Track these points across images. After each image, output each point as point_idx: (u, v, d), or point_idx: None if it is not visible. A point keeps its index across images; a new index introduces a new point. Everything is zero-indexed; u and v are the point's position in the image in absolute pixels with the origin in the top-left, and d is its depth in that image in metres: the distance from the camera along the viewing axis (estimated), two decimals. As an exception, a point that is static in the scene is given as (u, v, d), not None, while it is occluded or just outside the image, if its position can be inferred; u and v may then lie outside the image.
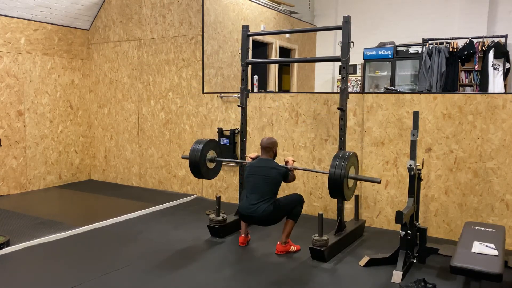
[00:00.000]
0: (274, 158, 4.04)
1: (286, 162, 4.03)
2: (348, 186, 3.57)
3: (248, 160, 4.22)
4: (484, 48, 7.03)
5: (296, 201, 3.90)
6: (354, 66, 8.50)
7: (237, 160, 4.77)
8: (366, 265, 3.61)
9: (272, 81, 7.66)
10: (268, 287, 3.24)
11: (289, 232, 3.87)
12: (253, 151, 5.29)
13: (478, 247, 2.98)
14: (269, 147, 3.98)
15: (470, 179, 4.19)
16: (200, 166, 4.24)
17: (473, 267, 2.70)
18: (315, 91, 9.07)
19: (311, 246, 3.70)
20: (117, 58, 6.61)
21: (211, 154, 4.39)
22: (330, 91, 9.23)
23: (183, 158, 4.46)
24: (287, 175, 3.90)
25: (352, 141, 4.75)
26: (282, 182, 3.89)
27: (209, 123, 5.79)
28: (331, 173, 3.47)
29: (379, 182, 3.58)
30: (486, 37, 7.16)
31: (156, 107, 6.28)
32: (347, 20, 3.95)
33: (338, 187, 3.45)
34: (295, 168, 4.02)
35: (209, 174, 4.44)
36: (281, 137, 5.17)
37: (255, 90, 6.43)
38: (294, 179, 4.01)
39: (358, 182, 4.71)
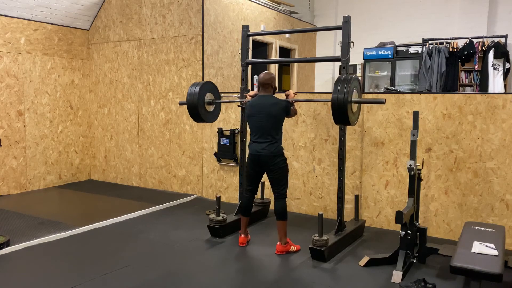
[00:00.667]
0: (274, 93, 3.99)
1: (287, 96, 3.99)
2: (352, 111, 3.50)
3: (248, 98, 4.16)
4: (484, 48, 7.03)
5: (285, 183, 3.89)
6: (354, 66, 8.50)
7: (237, 101, 4.65)
8: (366, 265, 3.61)
9: (272, 81, 7.64)
10: (268, 287, 3.24)
11: (285, 232, 3.86)
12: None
13: (478, 247, 2.98)
14: (268, 83, 3.90)
15: (470, 179, 4.19)
16: (198, 109, 4.15)
17: (473, 267, 2.70)
18: (315, 91, 9.07)
19: (311, 246, 3.69)
20: (117, 58, 6.61)
21: (209, 96, 4.31)
22: (330, 91, 9.21)
23: (180, 104, 4.37)
24: (288, 108, 3.87)
25: (352, 141, 4.75)
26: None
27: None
28: (334, 98, 3.39)
29: (384, 102, 3.54)
30: (486, 37, 7.16)
31: (156, 107, 6.28)
32: (347, 20, 3.95)
33: (342, 111, 3.37)
34: (296, 101, 3.99)
35: (209, 117, 4.36)
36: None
37: (255, 90, 6.43)
38: (295, 113, 3.97)
39: (358, 183, 4.72)
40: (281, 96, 4.03)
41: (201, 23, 5.76)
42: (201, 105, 4.22)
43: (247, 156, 4.19)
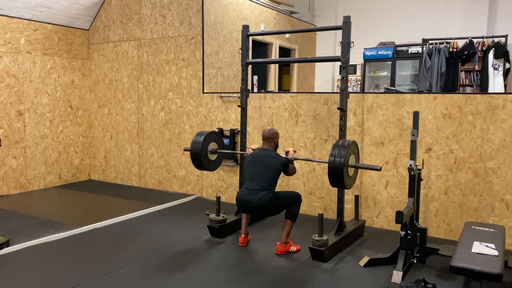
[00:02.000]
0: (275, 149, 4.04)
1: (287, 153, 4.02)
2: (349, 175, 3.54)
3: (249, 151, 4.20)
4: (484, 48, 7.03)
5: (295, 197, 3.90)
6: (354, 66, 8.50)
7: (239, 152, 4.75)
8: (366, 265, 3.61)
9: (272, 81, 7.66)
10: (268, 287, 3.24)
11: (288, 232, 3.86)
12: (253, 151, 5.30)
13: (478, 247, 2.98)
14: (271, 137, 3.98)
15: (470, 179, 4.19)
16: (201, 158, 4.23)
17: (473, 267, 2.70)
18: (315, 91, 9.07)
19: (311, 246, 3.69)
20: (117, 58, 6.61)
21: (212, 146, 4.37)
22: (330, 91, 9.23)
23: (185, 150, 4.45)
24: (287, 165, 3.90)
25: (352, 141, 4.74)
26: (284, 176, 3.88)
27: (209, 123, 5.79)
28: (330, 162, 3.45)
29: (379, 170, 3.56)
30: (486, 37, 7.16)
31: (156, 107, 6.28)
32: (347, 20, 3.95)
33: (338, 175, 3.42)
34: (296, 159, 4.01)
35: (211, 166, 4.43)
36: (281, 137, 5.16)
37: (255, 90, 6.43)
38: (294, 171, 4.00)
39: (358, 183, 4.72)
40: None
41: (201, 23, 5.76)
42: (204, 155, 4.29)
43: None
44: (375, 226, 4.69)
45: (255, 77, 6.51)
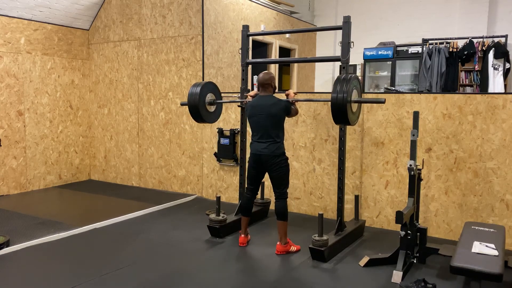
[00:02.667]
0: (274, 92, 3.99)
1: (287, 95, 4.00)
2: (352, 111, 3.49)
3: (248, 98, 4.17)
4: (484, 48, 7.03)
5: (286, 183, 3.88)
6: (354, 66, 8.50)
7: (238, 101, 4.62)
8: (366, 265, 3.61)
9: (272, 81, 7.64)
10: (268, 287, 3.24)
11: (285, 232, 3.86)
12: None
13: (478, 247, 2.98)
14: (267, 83, 3.91)
15: (470, 179, 4.19)
16: (200, 109, 4.16)
17: (473, 267, 2.70)
18: (315, 91, 9.07)
19: (311, 246, 3.69)
20: (117, 58, 6.61)
21: (210, 97, 4.30)
22: (330, 91, 9.21)
23: (181, 104, 4.36)
24: (288, 108, 3.87)
25: (352, 141, 4.75)
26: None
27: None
28: (333, 98, 3.38)
29: (383, 102, 3.53)
30: (486, 37, 7.16)
31: (156, 107, 6.28)
32: (347, 20, 3.95)
33: (342, 112, 3.36)
34: (297, 100, 3.99)
35: (210, 117, 4.36)
36: (281, 137, 5.16)
37: (255, 90, 6.42)
38: (296, 112, 3.98)
39: (358, 183, 4.72)
40: (281, 96, 4.03)
41: (201, 23, 5.76)
42: (202, 106, 4.22)
43: (248, 157, 4.20)
44: (375, 226, 4.69)
45: (255, 77, 6.51)
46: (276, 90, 4.07)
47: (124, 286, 3.21)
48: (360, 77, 8.59)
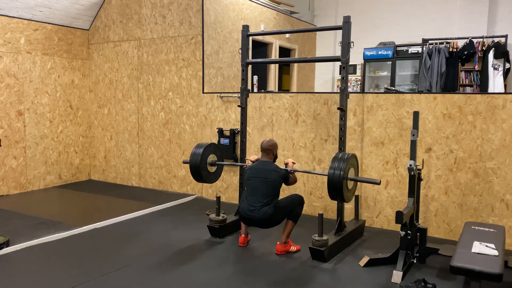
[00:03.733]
0: (275, 160, 4.04)
1: (286, 164, 4.04)
2: (348, 188, 3.56)
3: (248, 163, 4.22)
4: (484, 48, 7.03)
5: (296, 201, 3.90)
6: (354, 66, 8.50)
7: (237, 164, 4.77)
8: (366, 265, 3.61)
9: (272, 81, 7.66)
10: (268, 287, 3.24)
11: (289, 233, 3.87)
12: (253, 151, 5.30)
13: (478, 247, 2.98)
14: (269, 149, 3.98)
15: (470, 179, 4.19)
16: (201, 171, 4.25)
17: (473, 267, 2.70)
18: (315, 91, 9.07)
19: (311, 246, 3.70)
20: (117, 58, 6.61)
21: (211, 158, 4.39)
22: (330, 91, 9.23)
23: (184, 162, 4.46)
24: (287, 177, 3.90)
25: (352, 141, 4.75)
26: (283, 185, 3.90)
27: (209, 123, 5.79)
28: (330, 175, 3.47)
29: (379, 184, 3.58)
30: (486, 37, 7.16)
31: (156, 107, 6.28)
32: (347, 20, 3.95)
33: (337, 189, 3.45)
34: (295, 171, 4.02)
35: (211, 178, 4.45)
36: (281, 137, 5.17)
37: (255, 90, 6.43)
38: (295, 181, 4.01)
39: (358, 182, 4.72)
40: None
41: (201, 23, 5.76)
42: (203, 168, 4.28)
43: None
44: (375, 226, 4.69)
45: (255, 77, 6.51)
46: (277, 159, 4.11)
47: (124, 286, 3.21)
48: (360, 77, 8.60)
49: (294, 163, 4.10)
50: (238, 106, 4.74)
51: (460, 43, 7.30)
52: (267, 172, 3.84)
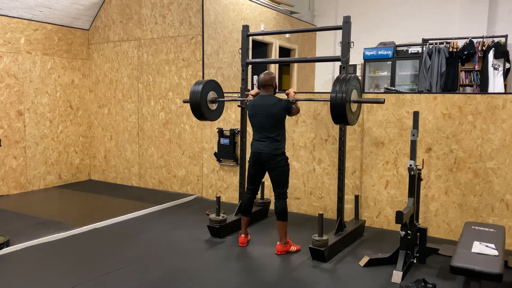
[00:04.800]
0: (275, 92, 4.00)
1: (287, 95, 4.01)
2: (352, 111, 3.49)
3: (249, 97, 4.17)
4: (484, 48, 7.03)
5: (286, 182, 3.88)
6: (354, 66, 8.50)
7: (239, 98, 4.62)
8: (366, 265, 3.61)
9: (272, 81, 7.64)
10: (268, 287, 3.24)
11: (285, 232, 3.86)
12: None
13: (478, 247, 2.98)
14: (268, 83, 3.92)
15: (470, 179, 4.19)
16: (202, 108, 4.17)
17: (473, 267, 2.70)
18: (315, 91, 9.07)
19: (311, 246, 3.69)
20: (117, 58, 6.61)
21: (212, 95, 4.32)
22: (330, 91, 9.20)
23: (184, 102, 4.38)
24: (289, 107, 3.87)
25: (352, 141, 4.75)
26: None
27: (209, 123, 5.79)
28: (332, 98, 3.39)
29: (383, 102, 3.54)
30: (486, 37, 7.16)
31: (156, 107, 6.28)
32: (347, 20, 3.95)
33: (341, 111, 3.36)
34: (297, 100, 3.99)
35: (212, 115, 4.38)
36: (281, 137, 5.16)
37: (256, 89, 6.42)
38: (298, 111, 3.98)
39: (358, 183, 4.72)
40: (281, 95, 4.04)
41: (201, 23, 5.76)
42: (204, 104, 4.23)
43: (247, 157, 4.20)
44: (375, 226, 4.69)
45: (255, 77, 6.51)
46: (277, 90, 4.07)
47: (124, 286, 3.21)
48: (360, 77, 8.59)
49: (295, 92, 4.06)
50: (238, 106, 4.74)
51: (460, 43, 7.30)
52: (269, 106, 3.81)
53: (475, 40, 7.14)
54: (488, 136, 4.09)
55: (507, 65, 6.95)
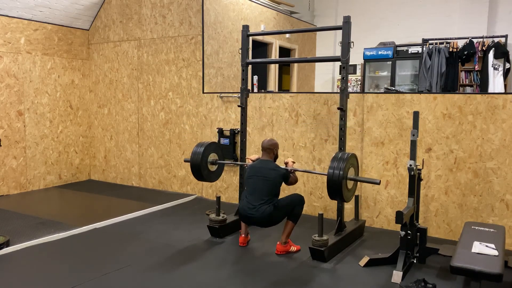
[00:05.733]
0: (275, 160, 4.05)
1: (286, 164, 4.04)
2: (348, 188, 3.56)
3: (249, 162, 4.22)
4: (484, 48, 7.03)
5: (296, 201, 3.90)
6: (354, 66, 8.50)
7: (238, 162, 4.77)
8: (366, 265, 3.61)
9: (272, 81, 7.66)
10: (268, 287, 3.24)
11: (289, 233, 3.87)
12: (253, 151, 5.30)
13: (478, 247, 2.98)
14: (270, 149, 3.98)
15: (470, 179, 4.19)
16: (201, 169, 4.25)
17: (473, 267, 2.70)
18: (315, 91, 9.07)
19: (311, 246, 3.70)
20: (117, 58, 6.61)
21: (212, 157, 4.39)
22: (330, 91, 9.23)
23: (185, 161, 4.47)
24: (287, 176, 3.90)
25: (352, 141, 4.75)
26: (284, 184, 3.90)
27: (209, 123, 5.79)
28: (329, 174, 3.46)
29: (378, 183, 3.58)
30: (486, 37, 7.16)
31: (156, 107, 6.28)
32: (347, 20, 3.95)
33: (337, 188, 3.45)
34: (295, 170, 4.02)
35: (211, 177, 4.46)
36: (281, 137, 5.17)
37: (255, 90, 6.43)
38: (296, 181, 4.01)
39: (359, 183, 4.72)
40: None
41: (201, 23, 5.76)
42: (204, 166, 4.29)
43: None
44: (375, 226, 4.69)
45: (255, 77, 6.51)
46: (278, 159, 4.11)
47: (124, 286, 3.21)
48: (360, 77, 8.60)
49: (294, 162, 4.10)
50: (238, 106, 4.74)
51: (460, 43, 7.29)
52: (267, 171, 3.84)
53: (475, 40, 7.14)
54: (488, 136, 4.09)
55: (507, 65, 6.94)
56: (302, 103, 5.02)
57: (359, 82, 8.62)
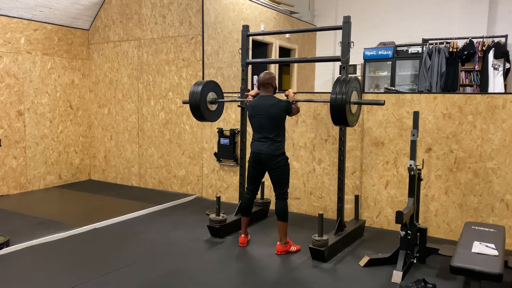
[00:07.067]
0: (275, 92, 4.00)
1: (287, 96, 4.01)
2: (352, 112, 3.48)
3: (249, 98, 4.17)
4: (484, 48, 7.03)
5: (286, 182, 3.88)
6: (354, 66, 8.51)
7: (238, 99, 4.60)
8: (366, 265, 3.61)
9: (272, 81, 7.64)
10: (268, 287, 3.24)
11: (285, 233, 3.86)
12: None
13: (478, 247, 2.98)
14: (268, 83, 3.91)
15: (470, 179, 4.19)
16: (201, 109, 4.16)
17: (473, 267, 2.70)
18: (315, 91, 9.07)
19: (311, 246, 3.69)
20: (117, 58, 6.61)
21: (211, 95, 4.31)
22: (330, 91, 9.21)
23: (183, 102, 4.37)
24: (289, 108, 3.87)
25: (352, 141, 4.75)
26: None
27: (209, 123, 5.79)
28: (332, 99, 3.39)
29: (383, 104, 3.53)
30: (486, 37, 7.16)
31: (156, 107, 6.28)
32: (347, 20, 3.95)
33: (341, 113, 3.36)
34: (296, 100, 3.99)
35: (211, 116, 4.37)
36: (281, 137, 5.16)
37: (256, 89, 6.42)
38: (298, 111, 3.99)
39: (358, 183, 4.72)
40: (281, 95, 4.03)
41: (201, 23, 5.76)
42: (203, 105, 4.23)
43: (247, 157, 4.20)
44: (375, 226, 4.69)
45: (255, 77, 6.51)
46: (277, 90, 4.07)
47: (124, 286, 3.21)
48: (360, 77, 8.60)
49: (295, 93, 4.06)
50: (238, 106, 4.74)
51: (460, 43, 7.30)
52: (269, 107, 3.81)
53: (475, 40, 7.14)
54: (488, 136, 4.10)
55: (507, 65, 6.95)
56: (302, 103, 5.02)
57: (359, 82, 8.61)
